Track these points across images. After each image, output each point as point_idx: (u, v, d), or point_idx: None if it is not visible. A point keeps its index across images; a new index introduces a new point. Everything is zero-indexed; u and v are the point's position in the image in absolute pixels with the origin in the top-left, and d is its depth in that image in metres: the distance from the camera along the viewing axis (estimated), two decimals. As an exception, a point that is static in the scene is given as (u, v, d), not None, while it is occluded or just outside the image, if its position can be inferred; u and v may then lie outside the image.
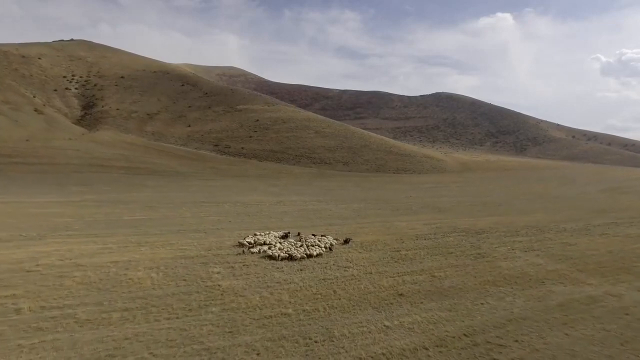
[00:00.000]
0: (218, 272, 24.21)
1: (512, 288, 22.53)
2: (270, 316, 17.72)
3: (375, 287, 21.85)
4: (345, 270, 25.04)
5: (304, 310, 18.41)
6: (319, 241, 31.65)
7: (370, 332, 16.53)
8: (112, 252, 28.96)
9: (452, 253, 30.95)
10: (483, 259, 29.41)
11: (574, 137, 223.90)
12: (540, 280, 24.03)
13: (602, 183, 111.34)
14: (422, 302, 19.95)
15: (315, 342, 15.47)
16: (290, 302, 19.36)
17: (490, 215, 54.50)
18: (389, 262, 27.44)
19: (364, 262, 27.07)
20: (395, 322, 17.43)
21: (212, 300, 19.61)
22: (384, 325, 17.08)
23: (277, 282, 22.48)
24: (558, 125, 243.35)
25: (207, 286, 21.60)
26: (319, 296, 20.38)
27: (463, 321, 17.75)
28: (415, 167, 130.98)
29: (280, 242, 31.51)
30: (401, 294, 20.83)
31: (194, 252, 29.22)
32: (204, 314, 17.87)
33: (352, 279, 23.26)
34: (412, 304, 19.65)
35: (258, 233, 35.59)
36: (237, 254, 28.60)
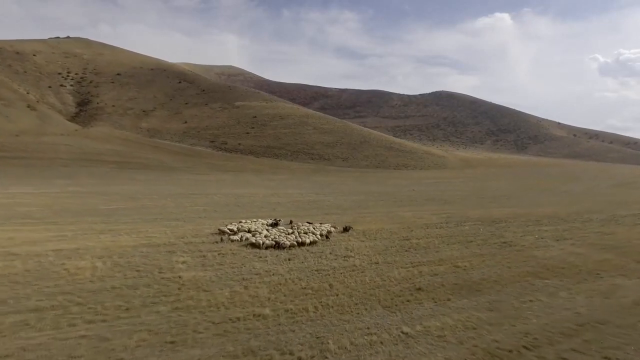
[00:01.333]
0: (184, 262, 18.79)
1: (561, 281, 17.09)
2: (238, 319, 12.27)
3: (384, 280, 16.42)
4: (345, 260, 19.61)
5: (287, 311, 12.97)
6: (315, 229, 26.24)
7: (382, 342, 11.08)
8: (63, 239, 23.54)
9: (471, 241, 25.52)
10: (510, 247, 23.98)
11: (575, 135, 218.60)
12: (594, 271, 18.60)
13: (610, 179, 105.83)
14: (449, 299, 14.51)
15: (299, 359, 10.07)
16: (269, 300, 13.92)
17: (502, 207, 49.00)
18: (399, 251, 22.01)
19: (368, 251, 21.63)
20: (418, 328, 11.97)
21: (164, 296, 14.16)
22: (402, 333, 11.62)
23: (256, 274, 17.05)
24: (559, 123, 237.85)
25: (163, 278, 16.17)
26: (310, 291, 14.95)
27: (514, 325, 12.33)
28: (417, 164, 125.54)
29: (267, 230, 26.07)
30: (419, 288, 15.39)
31: (163, 240, 23.80)
32: (145, 314, 12.42)
33: (354, 271, 17.84)
34: (436, 301, 14.23)
35: (244, 221, 30.19)
36: (213, 242, 23.18)
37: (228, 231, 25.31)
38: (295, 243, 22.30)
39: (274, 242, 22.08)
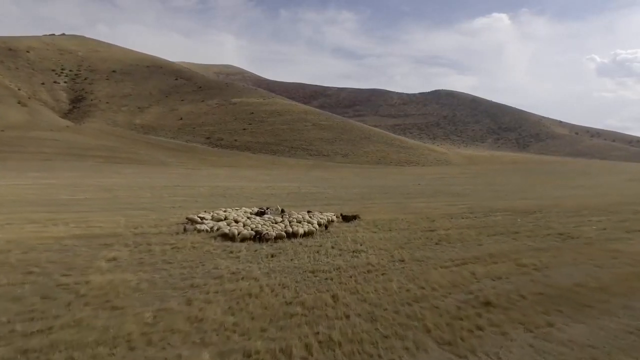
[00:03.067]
0: (112, 259, 12.27)
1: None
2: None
3: (423, 288, 9.89)
4: (354, 257, 13.12)
5: (253, 355, 6.39)
6: (312, 217, 19.73)
7: None
8: (-29, 230, 17.02)
9: (518, 233, 19.07)
10: (574, 240, 17.52)
11: (576, 133, 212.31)
12: None
13: (621, 174, 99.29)
14: (549, 323, 7.99)
15: None
16: (219, 329, 7.36)
17: (524, 199, 42.38)
18: (426, 244, 15.53)
19: (385, 244, 15.13)
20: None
21: (30, 320, 7.58)
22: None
23: (216, 278, 10.52)
24: (560, 122, 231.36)
25: (58, 285, 9.66)
26: (299, 310, 8.38)
27: None
28: (419, 160, 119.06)
29: (250, 219, 19.49)
30: (488, 303, 8.89)
31: (106, 231, 17.29)
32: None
33: (370, 272, 11.33)
34: (529, 328, 7.71)
35: (223, 209, 23.65)
36: (173, 234, 16.65)
37: (198, 219, 18.76)
38: (283, 234, 15.76)
39: (253, 233, 15.50)
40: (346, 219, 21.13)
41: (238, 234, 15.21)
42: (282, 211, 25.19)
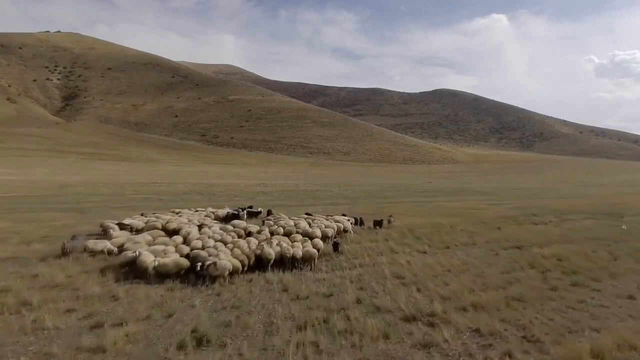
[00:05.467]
0: None
1: None
2: None
3: None
4: (427, 347, 4.78)
5: None
6: (311, 225, 11.42)
7: None
8: None
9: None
10: None
11: (581, 132, 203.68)
12: None
13: (638, 173, 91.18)
14: None
15: None
16: None
17: (568, 198, 34.15)
18: (562, 281, 7.23)
19: (472, 293, 6.85)
20: None
21: None
22: None
23: None
24: (565, 121, 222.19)
25: None
26: None
27: None
28: (424, 158, 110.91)
29: (209, 228, 11.21)
30: None
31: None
32: None
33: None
34: None
35: (178, 210, 15.56)
36: (40, 259, 8.24)
37: (113, 229, 10.40)
38: (246, 262, 7.44)
39: (184, 263, 7.16)
40: (375, 223, 12.97)
41: (152, 268, 6.92)
42: (269, 213, 17.01)
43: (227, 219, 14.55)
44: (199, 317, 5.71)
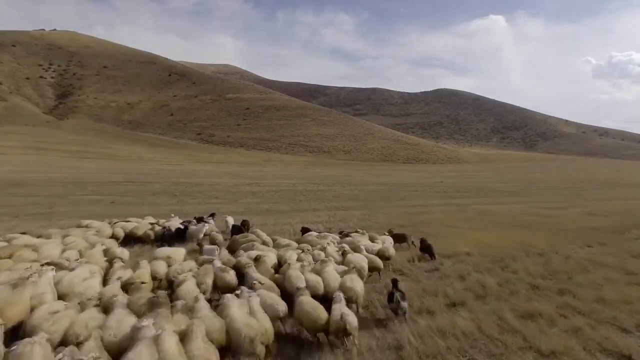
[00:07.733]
0: None
1: None
2: None
3: None
4: None
5: None
6: (318, 253, 4.82)
7: None
8: None
9: None
10: None
11: (584, 132, 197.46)
12: None
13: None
14: None
15: None
16: None
17: (618, 200, 27.63)
18: None
19: None
20: None
21: None
22: None
23: None
24: (566, 121, 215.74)
25: None
26: None
27: None
28: (429, 157, 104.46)
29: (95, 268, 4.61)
30: None
31: None
32: None
33: None
34: None
35: (80, 227, 8.76)
36: None
37: None
38: None
39: None
40: (424, 249, 6.53)
41: None
42: (243, 226, 10.45)
43: (163, 239, 8.03)
44: None
